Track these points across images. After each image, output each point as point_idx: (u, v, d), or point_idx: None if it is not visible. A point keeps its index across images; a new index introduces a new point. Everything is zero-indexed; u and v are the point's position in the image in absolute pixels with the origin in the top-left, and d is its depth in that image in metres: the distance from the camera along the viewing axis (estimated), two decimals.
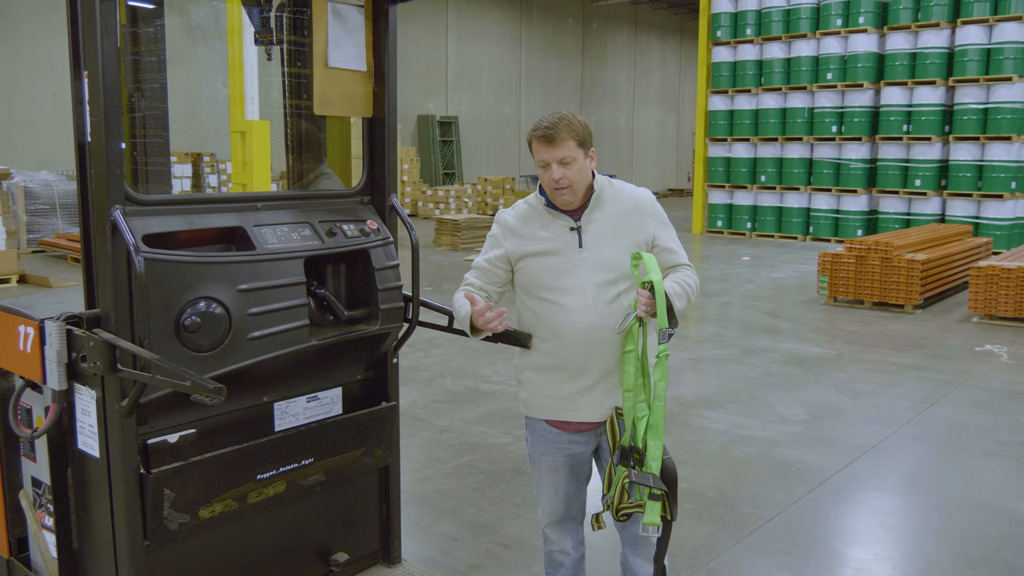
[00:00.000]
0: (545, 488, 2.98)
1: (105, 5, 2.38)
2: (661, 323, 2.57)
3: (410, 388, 6.71)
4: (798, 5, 17.50)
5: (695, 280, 2.89)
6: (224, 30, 11.31)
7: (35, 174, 15.46)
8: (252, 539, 2.93)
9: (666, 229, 2.90)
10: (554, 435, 2.90)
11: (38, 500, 2.87)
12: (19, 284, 11.71)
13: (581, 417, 2.84)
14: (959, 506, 4.72)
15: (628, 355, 2.68)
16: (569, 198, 2.75)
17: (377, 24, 3.13)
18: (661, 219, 2.88)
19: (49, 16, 17.28)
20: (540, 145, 2.71)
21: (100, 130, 2.41)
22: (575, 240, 2.78)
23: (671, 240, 2.90)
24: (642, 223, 2.83)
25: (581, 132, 2.72)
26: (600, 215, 2.80)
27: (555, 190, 2.73)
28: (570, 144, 2.69)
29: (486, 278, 2.92)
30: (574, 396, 2.82)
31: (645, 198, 2.89)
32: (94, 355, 2.43)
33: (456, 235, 16.07)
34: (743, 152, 18.46)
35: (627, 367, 2.68)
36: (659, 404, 2.63)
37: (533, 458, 3.00)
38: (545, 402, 2.88)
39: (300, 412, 2.97)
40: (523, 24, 29.60)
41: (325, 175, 3.42)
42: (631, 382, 2.67)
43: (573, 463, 2.93)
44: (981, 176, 15.35)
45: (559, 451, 2.91)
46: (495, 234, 2.91)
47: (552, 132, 2.68)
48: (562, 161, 2.69)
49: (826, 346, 8.56)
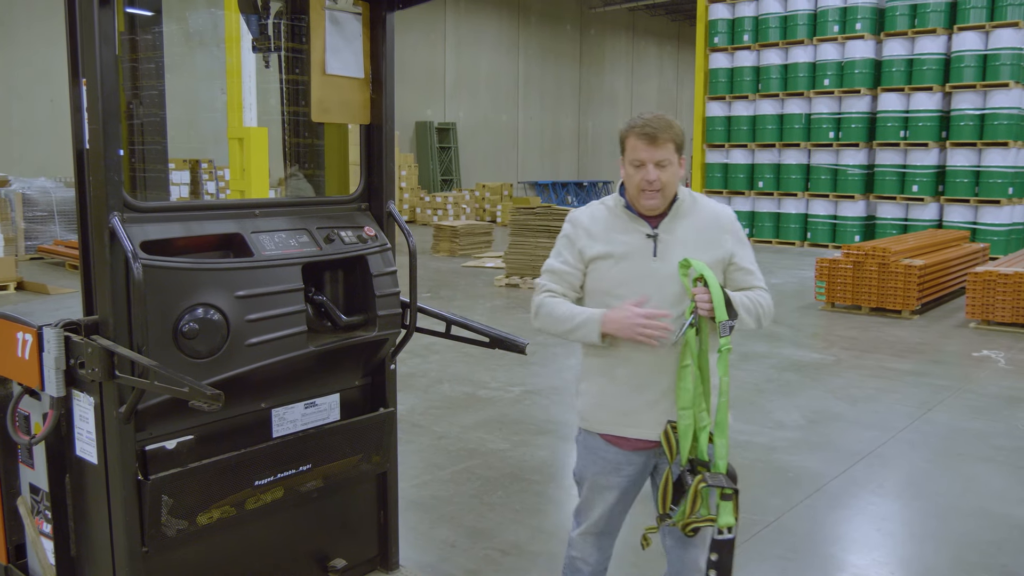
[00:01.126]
0: (591, 506, 2.87)
1: (104, 13, 2.39)
2: (720, 315, 2.51)
3: (408, 394, 6.71)
4: (795, 12, 17.56)
5: (769, 304, 2.77)
6: (222, 37, 11.32)
7: (33, 181, 15.47)
8: (250, 545, 2.93)
9: (744, 248, 2.79)
10: (612, 455, 2.77)
11: (36, 507, 2.87)
12: (17, 291, 11.71)
13: (640, 434, 2.72)
14: (956, 511, 4.72)
15: (685, 370, 2.59)
16: (657, 202, 2.65)
17: (375, 31, 3.14)
18: (740, 237, 2.79)
19: (47, 23, 17.30)
20: (640, 143, 2.62)
21: (98, 137, 2.42)
22: (650, 248, 2.68)
23: (749, 260, 2.79)
24: (721, 239, 2.74)
25: (680, 137, 2.65)
26: (679, 225, 2.71)
27: (643, 191, 2.64)
28: (670, 147, 2.62)
29: (565, 282, 2.77)
30: (635, 411, 2.71)
31: (726, 214, 2.80)
32: (92, 362, 2.43)
33: (454, 241, 16.09)
34: (740, 158, 18.50)
35: (684, 383, 2.59)
36: (723, 400, 2.57)
37: (584, 476, 2.87)
38: (604, 416, 2.77)
39: (298, 418, 2.97)
40: (521, 31, 29.66)
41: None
42: (688, 399, 2.59)
43: (628, 485, 2.82)
44: (978, 182, 15.39)
45: (615, 473, 2.79)
46: (568, 234, 2.79)
47: (656, 132, 2.60)
48: (659, 163, 2.61)
49: (824, 352, 8.57)
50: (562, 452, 5.62)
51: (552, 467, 5.34)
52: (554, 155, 31.79)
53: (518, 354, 3.16)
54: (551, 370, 7.67)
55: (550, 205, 13.27)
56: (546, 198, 28.86)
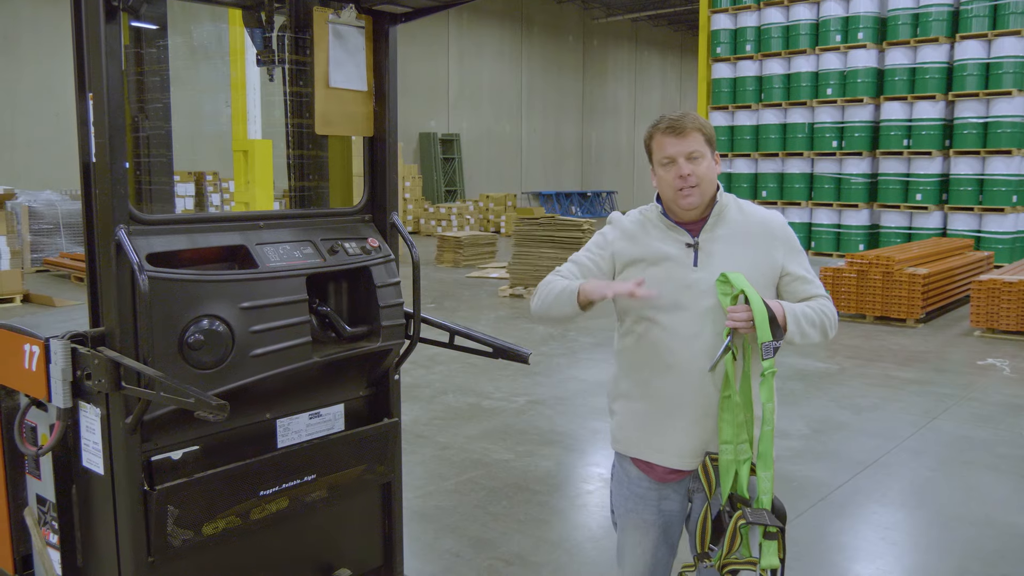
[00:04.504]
0: (630, 550, 2.65)
1: (109, 28, 2.42)
2: (763, 335, 2.32)
3: (412, 405, 6.72)
4: (797, 21, 17.58)
5: (833, 313, 2.53)
6: (227, 51, 11.40)
7: (39, 194, 15.54)
8: (255, 555, 2.94)
9: (798, 256, 2.57)
10: (643, 488, 2.59)
11: (43, 517, 2.88)
12: (23, 303, 11.76)
13: (668, 461, 2.52)
14: (961, 520, 4.72)
15: (727, 401, 2.39)
16: (695, 200, 2.46)
17: (377, 44, 3.17)
18: (792, 245, 2.56)
19: (53, 37, 17.42)
20: (665, 138, 2.45)
21: (104, 151, 2.44)
22: (690, 257, 2.48)
23: (804, 268, 2.56)
24: (771, 248, 2.52)
25: (708, 129, 2.48)
26: (722, 233, 2.51)
27: (679, 191, 2.45)
28: (698, 138, 2.44)
29: (584, 275, 2.58)
30: (665, 436, 2.52)
31: (776, 220, 2.58)
32: (99, 373, 2.45)
33: (458, 252, 16.11)
34: (744, 168, 18.50)
35: (726, 414, 2.39)
36: (767, 429, 2.36)
37: (619, 513, 2.69)
38: (634, 437, 2.59)
39: (303, 429, 2.99)
40: (523, 42, 29.76)
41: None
42: (730, 433, 2.39)
43: (665, 522, 2.60)
44: (982, 190, 15.37)
45: (649, 507, 2.59)
46: (605, 233, 2.63)
47: (679, 123, 2.44)
48: (690, 156, 2.43)
49: (828, 361, 8.56)
50: (566, 463, 5.63)
51: (556, 477, 5.35)
52: (557, 166, 31.86)
53: (522, 364, 3.17)
54: (555, 380, 7.68)
55: (554, 215, 13.31)
56: (550, 208, 28.91)
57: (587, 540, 4.41)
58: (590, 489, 5.18)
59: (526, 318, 10.57)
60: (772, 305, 2.38)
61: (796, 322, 2.42)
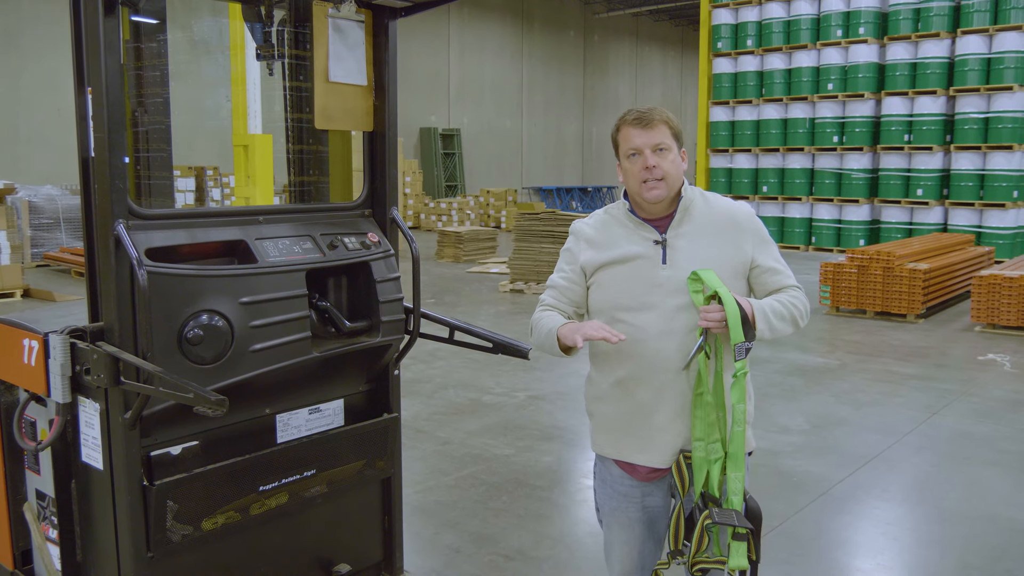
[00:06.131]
0: (617, 547, 2.66)
1: (109, 22, 2.41)
2: (736, 337, 2.32)
3: (412, 400, 6.72)
4: (798, 16, 17.56)
5: (804, 303, 2.53)
6: (226, 45, 11.38)
7: (39, 188, 15.53)
8: (254, 550, 2.94)
9: (767, 247, 2.56)
10: (626, 487, 2.59)
11: (42, 512, 2.88)
12: (23, 298, 11.75)
13: (649, 460, 2.52)
14: (961, 516, 4.71)
15: (700, 398, 2.40)
16: (661, 193, 2.45)
17: (377, 39, 3.16)
18: (761, 236, 2.55)
19: (53, 32, 17.40)
20: (632, 130, 2.47)
21: (104, 145, 2.43)
22: (658, 255, 2.48)
23: (774, 259, 2.55)
24: (739, 241, 2.51)
25: (675, 124, 2.49)
26: (689, 229, 2.50)
27: (644, 183, 2.44)
28: (665, 130, 2.45)
29: (564, 297, 2.60)
30: (644, 436, 2.51)
31: (743, 212, 2.56)
32: (98, 368, 2.45)
33: (458, 247, 16.11)
34: (745, 163, 18.49)
35: (699, 411, 2.40)
36: (738, 430, 2.36)
37: (604, 512, 2.69)
38: (614, 439, 2.59)
39: (302, 424, 2.98)
40: (524, 37, 29.73)
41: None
42: (703, 429, 2.40)
43: (649, 518, 2.61)
44: (983, 185, 15.36)
45: (632, 504, 2.60)
46: (569, 247, 2.63)
47: (647, 116, 2.45)
48: (656, 148, 2.44)
49: (828, 356, 8.56)
50: (567, 458, 5.63)
51: (557, 473, 5.35)
52: (558, 160, 31.84)
53: (522, 359, 3.17)
54: (555, 375, 7.68)
55: (554, 210, 13.30)
56: (551, 203, 28.89)
57: (588, 535, 4.41)
58: (590, 484, 5.14)
59: (526, 313, 10.56)
60: (742, 303, 2.38)
61: (765, 319, 2.43)
